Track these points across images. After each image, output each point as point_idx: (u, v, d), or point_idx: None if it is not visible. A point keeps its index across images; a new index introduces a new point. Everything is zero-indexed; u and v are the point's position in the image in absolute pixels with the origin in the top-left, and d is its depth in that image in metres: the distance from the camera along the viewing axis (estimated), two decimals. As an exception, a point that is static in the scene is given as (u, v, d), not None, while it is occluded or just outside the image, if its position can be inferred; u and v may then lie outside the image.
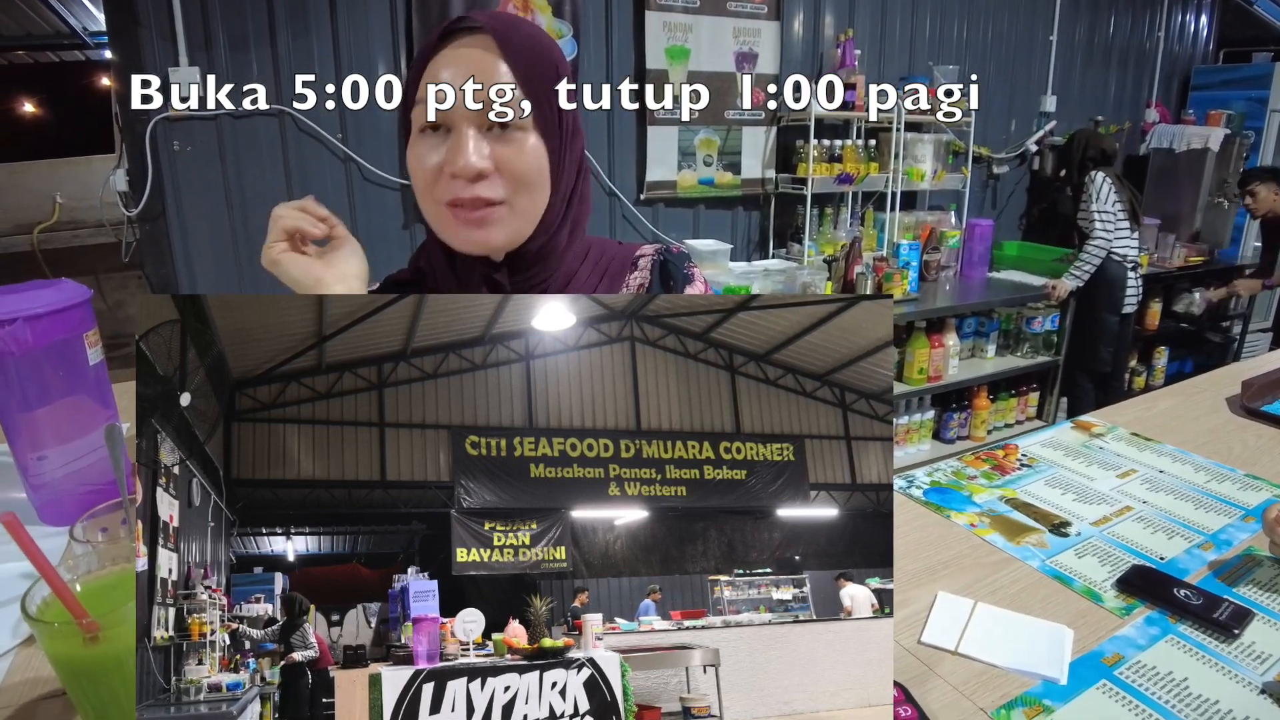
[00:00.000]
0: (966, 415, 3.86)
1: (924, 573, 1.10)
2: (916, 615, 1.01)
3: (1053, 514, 1.27)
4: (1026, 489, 1.37)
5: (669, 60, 3.32)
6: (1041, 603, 1.03)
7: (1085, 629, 0.98)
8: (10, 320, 1.13)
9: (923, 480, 1.41)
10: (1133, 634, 0.98)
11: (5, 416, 1.23)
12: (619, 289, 1.01)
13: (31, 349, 1.17)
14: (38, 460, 1.25)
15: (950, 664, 0.92)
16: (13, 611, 1.00)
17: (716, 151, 3.55)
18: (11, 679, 0.91)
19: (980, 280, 4.15)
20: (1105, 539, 1.20)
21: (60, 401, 1.23)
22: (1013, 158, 4.61)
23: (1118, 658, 0.93)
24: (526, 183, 0.84)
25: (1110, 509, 1.30)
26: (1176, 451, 1.51)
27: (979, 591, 1.05)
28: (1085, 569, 1.12)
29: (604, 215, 3.42)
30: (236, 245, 2.84)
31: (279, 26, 2.71)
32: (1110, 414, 1.73)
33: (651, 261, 1.02)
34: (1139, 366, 4.77)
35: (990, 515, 1.27)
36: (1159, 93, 5.18)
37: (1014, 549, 1.17)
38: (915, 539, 1.20)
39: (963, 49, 4.23)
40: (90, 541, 0.86)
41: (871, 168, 3.67)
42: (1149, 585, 1.06)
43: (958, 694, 0.87)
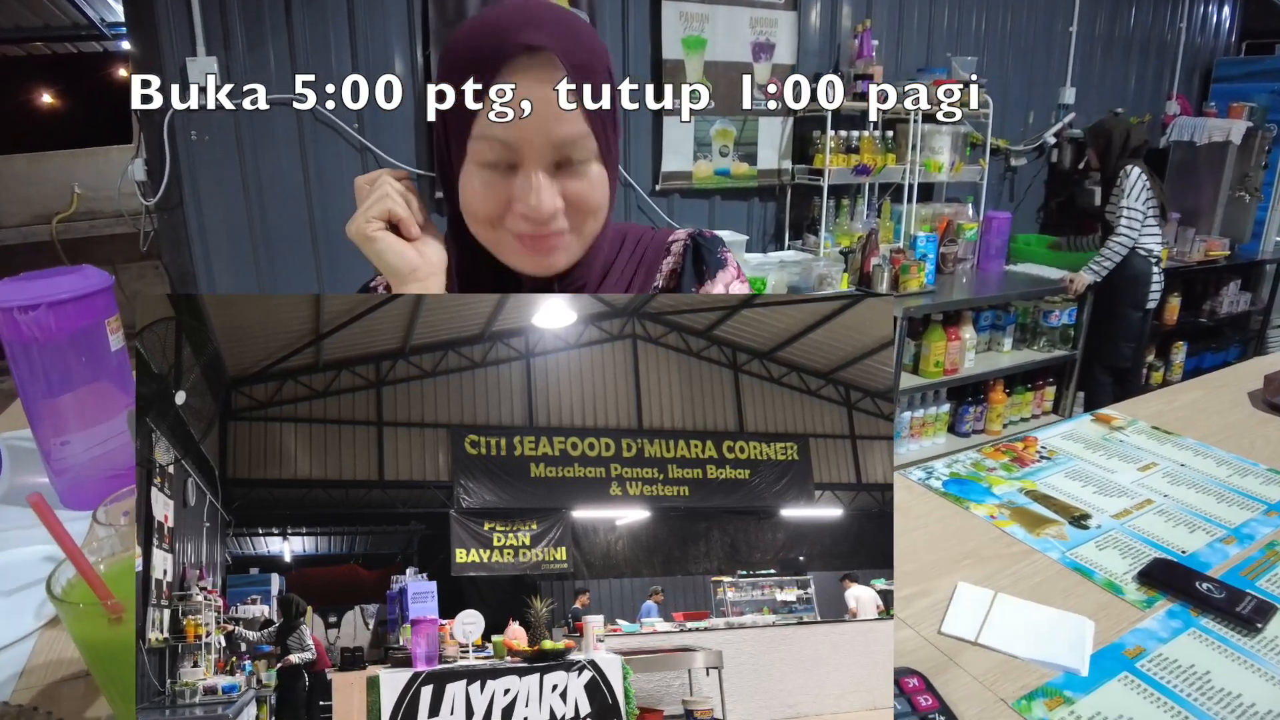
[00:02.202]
0: (982, 409, 3.84)
1: (944, 563, 1.10)
2: (937, 605, 1.00)
3: (1073, 506, 1.26)
4: (1046, 481, 1.36)
5: (685, 50, 3.31)
6: (1062, 594, 1.03)
7: (1106, 621, 0.97)
8: (34, 306, 1.14)
9: (942, 471, 1.40)
10: (1154, 627, 0.97)
11: (28, 402, 1.24)
12: (655, 276, 1.01)
13: (55, 335, 1.18)
14: (60, 445, 1.26)
15: (970, 654, 0.91)
16: (36, 594, 1.02)
17: (733, 142, 3.54)
18: (36, 660, 0.92)
19: (997, 273, 4.12)
20: (1126, 532, 1.19)
21: (83, 388, 1.24)
22: (1031, 150, 4.57)
23: (1139, 650, 0.93)
24: (594, 212, 0.83)
25: (1131, 502, 1.28)
26: (1198, 445, 1.50)
27: (999, 582, 1.05)
28: (1106, 561, 1.11)
29: (619, 206, 3.39)
30: (254, 234, 2.85)
31: (296, 17, 2.72)
32: (1131, 407, 1.71)
33: (684, 246, 1.02)
34: (1156, 361, 4.73)
35: (1010, 507, 1.27)
36: (1180, 85, 5.12)
37: (1034, 541, 1.16)
38: (935, 530, 1.19)
39: (981, 40, 4.19)
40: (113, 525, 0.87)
41: (889, 159, 3.65)
42: (1170, 578, 1.05)
43: (978, 684, 0.86)
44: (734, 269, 1.03)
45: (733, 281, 1.03)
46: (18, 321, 1.14)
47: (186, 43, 2.59)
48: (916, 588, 1.05)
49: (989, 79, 3.99)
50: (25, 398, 1.24)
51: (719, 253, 1.02)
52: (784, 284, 3.32)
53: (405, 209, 0.84)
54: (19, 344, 1.17)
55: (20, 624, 0.98)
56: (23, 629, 0.97)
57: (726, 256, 1.03)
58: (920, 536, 1.17)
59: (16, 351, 1.18)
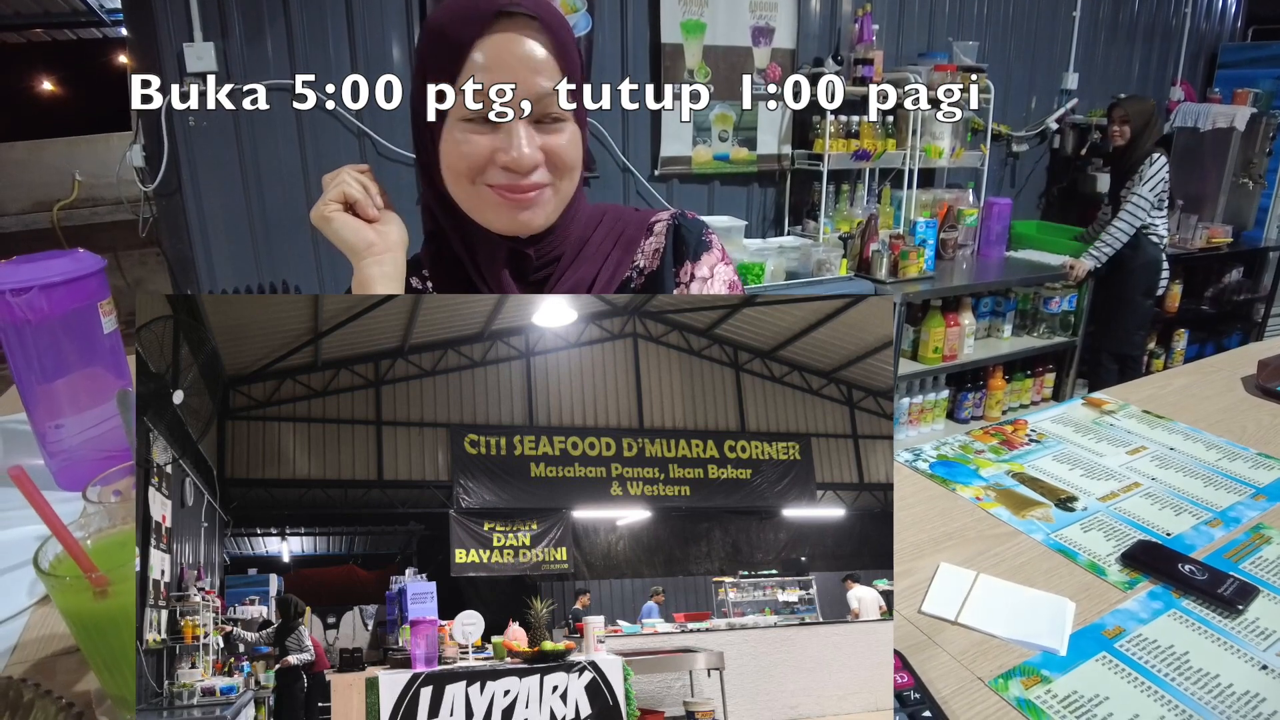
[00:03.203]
0: (981, 395, 3.85)
1: (927, 544, 1.11)
2: (918, 585, 1.01)
3: (1060, 489, 1.27)
4: (1034, 464, 1.37)
5: (685, 35, 3.30)
6: (1045, 576, 1.03)
7: (1087, 602, 0.98)
8: (25, 289, 1.15)
9: (929, 454, 1.40)
10: (1135, 608, 0.98)
11: (23, 386, 1.25)
12: (634, 255, 1.02)
13: (47, 317, 1.19)
14: (55, 429, 1.27)
15: (950, 633, 0.92)
16: (29, 572, 1.03)
17: (732, 127, 3.53)
18: (29, 635, 0.93)
19: (998, 259, 4.11)
20: (1112, 514, 1.20)
21: (76, 371, 1.25)
22: (1033, 136, 4.54)
23: (1119, 630, 0.93)
24: (570, 168, 0.88)
25: (1118, 485, 1.29)
26: (1188, 430, 1.50)
27: (982, 564, 1.06)
28: (1090, 543, 1.12)
29: (618, 191, 3.41)
30: (252, 219, 2.86)
31: (293, 3, 2.71)
32: (1123, 391, 1.71)
33: (666, 226, 1.03)
34: (1157, 349, 4.72)
35: (996, 489, 1.27)
36: (1185, 70, 5.09)
37: (1019, 522, 1.17)
38: (920, 511, 1.20)
39: (983, 24, 4.17)
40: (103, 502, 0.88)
41: (889, 144, 3.64)
42: (1154, 560, 1.05)
43: (956, 663, 0.87)
44: (719, 251, 1.04)
45: (718, 264, 1.04)
46: (10, 304, 1.15)
47: (184, 29, 2.59)
48: (899, 568, 1.05)
49: (991, 64, 3.97)
50: (20, 381, 1.25)
51: (703, 235, 1.03)
52: (783, 269, 3.31)
53: (361, 192, 0.90)
54: (12, 326, 1.18)
55: (14, 601, 0.99)
56: (16, 605, 0.98)
57: (711, 239, 1.04)
58: (905, 518, 1.18)
59: (10, 334, 1.19)
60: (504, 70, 0.81)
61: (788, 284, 3.30)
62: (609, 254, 1.00)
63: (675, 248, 1.02)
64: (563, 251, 0.97)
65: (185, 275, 2.89)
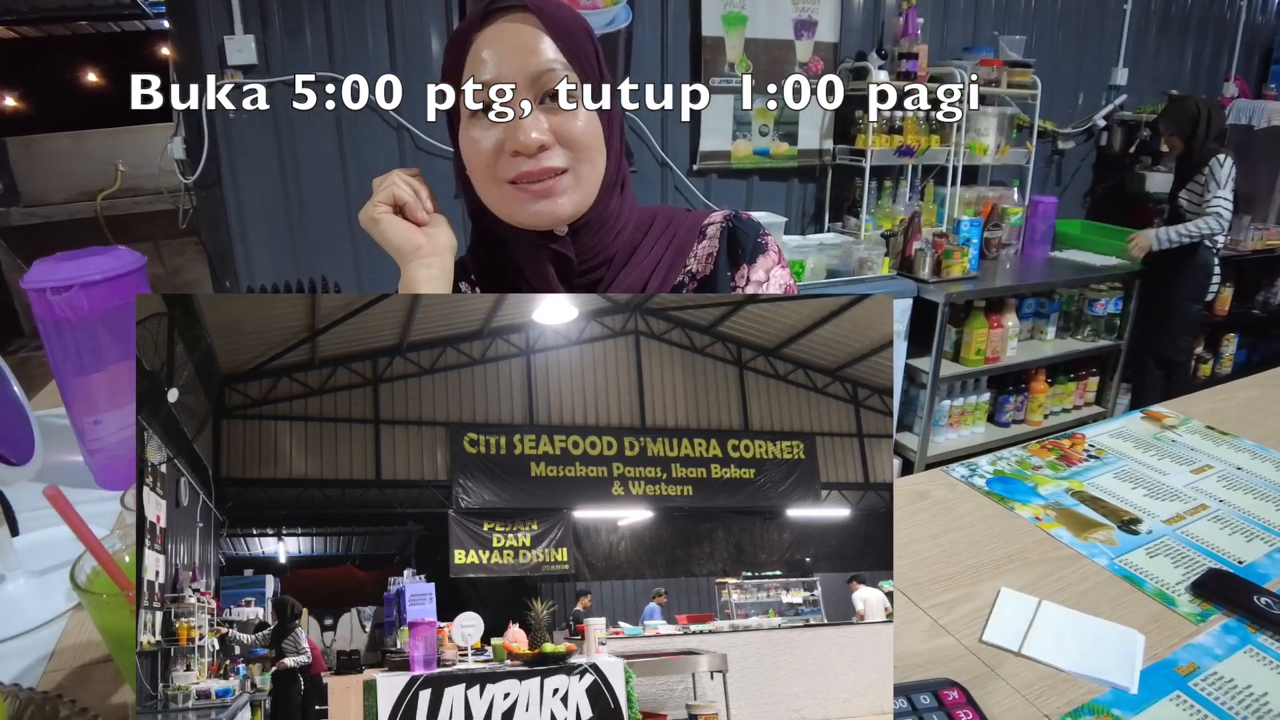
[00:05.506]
0: (1023, 399, 3.76)
1: (987, 566, 1.06)
2: (978, 611, 0.97)
3: (1122, 509, 1.21)
4: (1094, 481, 1.31)
5: (725, 27, 3.25)
6: (1110, 604, 0.98)
7: (1157, 635, 0.93)
8: (66, 287, 1.14)
9: (986, 469, 1.35)
10: (1209, 642, 0.92)
11: (62, 381, 1.25)
12: (686, 258, 0.98)
13: (87, 315, 1.18)
14: (93, 424, 1.27)
15: (1013, 665, 0.88)
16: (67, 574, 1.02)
17: (773, 121, 3.47)
18: (65, 642, 0.92)
19: (1042, 259, 4.01)
20: (1178, 538, 1.14)
21: (115, 367, 1.24)
22: (1079, 133, 4.43)
23: (1193, 667, 0.88)
24: (586, 148, 0.85)
25: (1184, 506, 1.23)
26: (1255, 447, 1.43)
27: (1044, 589, 1.01)
28: (1157, 570, 1.06)
29: (655, 186, 3.37)
30: (290, 211, 2.86)
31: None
32: (1183, 405, 1.64)
33: (720, 229, 0.99)
34: (1205, 353, 4.58)
35: (1056, 508, 1.22)
36: (1239, 66, 4.92)
37: (1081, 545, 1.12)
38: (978, 530, 1.15)
39: (1030, 18, 4.06)
40: (141, 510, 0.86)
41: (933, 140, 3.55)
42: (1226, 590, 1.00)
43: (1020, 698, 0.83)
44: (775, 254, 1.00)
45: (774, 267, 0.99)
46: (51, 302, 1.15)
47: (224, 21, 2.59)
48: (957, 592, 1.01)
49: (1037, 58, 3.84)
50: (59, 376, 1.25)
51: (759, 237, 0.99)
52: (823, 267, 3.25)
53: (410, 195, 0.90)
54: (52, 323, 1.18)
55: (51, 604, 0.98)
56: (53, 610, 0.97)
57: (767, 240, 1.00)
58: (962, 538, 1.13)
59: (50, 331, 1.19)
60: (499, 57, 0.82)
61: (828, 282, 3.24)
62: (660, 258, 0.96)
63: (730, 251, 0.98)
64: (612, 255, 0.93)
65: (225, 268, 2.90)
